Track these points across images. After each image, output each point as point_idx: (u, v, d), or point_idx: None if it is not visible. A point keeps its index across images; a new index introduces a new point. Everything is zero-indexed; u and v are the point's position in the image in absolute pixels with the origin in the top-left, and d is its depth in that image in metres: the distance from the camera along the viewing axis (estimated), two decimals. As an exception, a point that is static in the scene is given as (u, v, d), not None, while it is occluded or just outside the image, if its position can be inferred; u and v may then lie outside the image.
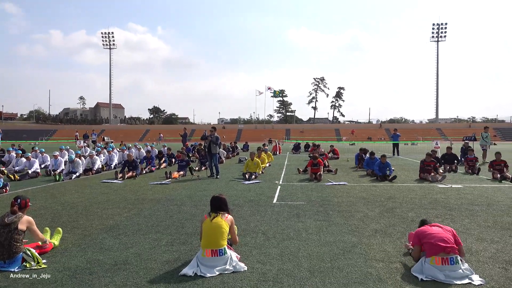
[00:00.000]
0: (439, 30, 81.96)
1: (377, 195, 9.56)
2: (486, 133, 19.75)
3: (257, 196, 9.58)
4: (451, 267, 4.22)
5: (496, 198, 9.07)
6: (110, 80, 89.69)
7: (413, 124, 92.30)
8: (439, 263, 4.25)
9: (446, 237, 4.43)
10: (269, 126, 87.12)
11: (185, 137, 26.96)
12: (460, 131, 61.01)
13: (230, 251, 4.67)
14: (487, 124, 48.96)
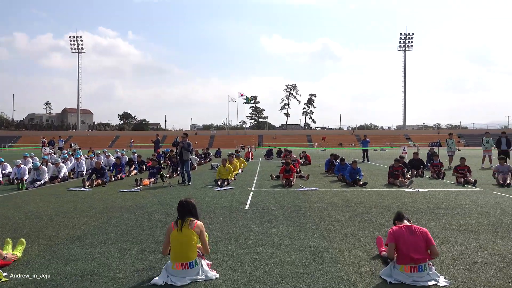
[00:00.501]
0: (406, 39, 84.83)
1: (348, 200, 9.73)
2: (450, 139, 20.53)
3: (229, 202, 9.54)
4: (419, 274, 4.30)
5: (460, 201, 9.42)
6: (79, 85, 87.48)
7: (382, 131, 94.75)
8: (408, 271, 4.32)
9: (419, 246, 4.38)
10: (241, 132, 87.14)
11: (158, 143, 26.57)
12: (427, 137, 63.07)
13: (201, 260, 4.59)
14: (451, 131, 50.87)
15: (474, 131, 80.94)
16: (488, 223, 7.07)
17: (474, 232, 6.48)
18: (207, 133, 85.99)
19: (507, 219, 7.43)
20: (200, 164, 22.59)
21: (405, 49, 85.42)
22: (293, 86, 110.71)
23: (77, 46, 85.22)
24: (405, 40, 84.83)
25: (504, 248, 5.54)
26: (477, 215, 7.82)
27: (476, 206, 8.80)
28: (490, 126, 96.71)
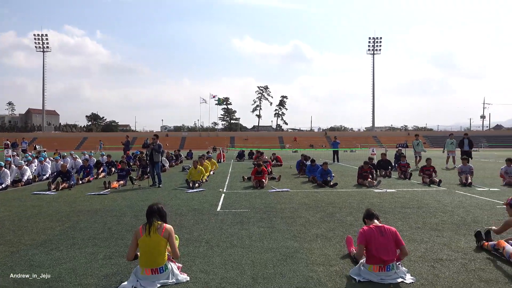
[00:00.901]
0: (374, 43, 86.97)
1: (318, 201, 9.86)
2: (417, 140, 21.19)
3: (201, 204, 9.47)
4: (387, 273, 4.41)
5: (426, 201, 9.74)
6: (44, 85, 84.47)
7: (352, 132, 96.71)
8: (377, 271, 4.42)
9: (389, 247, 4.46)
10: (213, 133, 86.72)
11: (127, 145, 26.01)
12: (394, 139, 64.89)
13: (170, 264, 4.52)
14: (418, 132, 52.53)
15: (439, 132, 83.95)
16: (452, 222, 7.35)
17: (438, 230, 6.71)
18: (178, 134, 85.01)
19: (469, 217, 7.74)
20: (171, 166, 22.29)
21: (373, 52, 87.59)
22: (264, 88, 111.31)
23: (42, 44, 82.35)
24: (374, 44, 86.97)
25: (466, 245, 5.77)
26: (442, 213, 8.10)
27: (440, 205, 9.12)
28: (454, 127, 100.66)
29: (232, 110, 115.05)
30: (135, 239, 4.50)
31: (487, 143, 67.29)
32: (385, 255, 4.41)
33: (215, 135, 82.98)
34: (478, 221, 7.38)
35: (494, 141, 68.81)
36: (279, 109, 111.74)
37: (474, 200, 9.76)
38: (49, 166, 16.50)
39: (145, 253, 4.40)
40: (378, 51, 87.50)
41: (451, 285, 4.27)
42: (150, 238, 4.40)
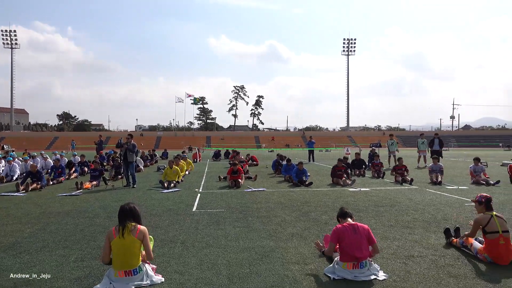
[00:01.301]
0: (349, 45, 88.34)
1: (294, 200, 9.93)
2: (391, 140, 21.64)
3: (176, 204, 9.37)
4: (360, 270, 4.50)
5: (398, 199, 9.98)
6: (12, 83, 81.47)
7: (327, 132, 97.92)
8: (350, 268, 4.50)
9: (362, 244, 4.55)
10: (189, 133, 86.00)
11: (101, 144, 25.44)
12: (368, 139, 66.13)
13: (145, 266, 4.45)
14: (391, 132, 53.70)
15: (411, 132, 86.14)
16: (423, 219, 7.55)
17: (410, 227, 6.88)
18: (154, 134, 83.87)
19: (440, 215, 7.98)
20: (146, 166, 21.97)
21: (348, 53, 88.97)
22: (241, 88, 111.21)
23: (10, 41, 79.45)
24: (348, 45, 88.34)
25: (436, 242, 5.94)
26: (413, 211, 8.32)
27: (412, 203, 9.36)
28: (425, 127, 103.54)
29: (208, 110, 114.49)
30: (108, 241, 4.39)
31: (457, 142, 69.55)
32: (358, 252, 4.50)
33: (191, 135, 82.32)
34: (447, 218, 7.62)
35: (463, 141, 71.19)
36: (255, 109, 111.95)
37: (444, 198, 10.06)
38: (17, 166, 15.94)
39: (118, 255, 4.31)
40: (352, 52, 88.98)
41: (422, 281, 4.39)
42: (124, 240, 4.30)
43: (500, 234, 4.93)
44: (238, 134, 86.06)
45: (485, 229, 5.04)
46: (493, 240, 4.93)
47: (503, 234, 4.94)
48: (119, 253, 4.30)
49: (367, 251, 4.59)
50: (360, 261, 4.50)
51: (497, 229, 4.96)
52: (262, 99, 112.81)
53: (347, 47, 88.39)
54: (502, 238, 4.92)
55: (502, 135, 76.13)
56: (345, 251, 4.57)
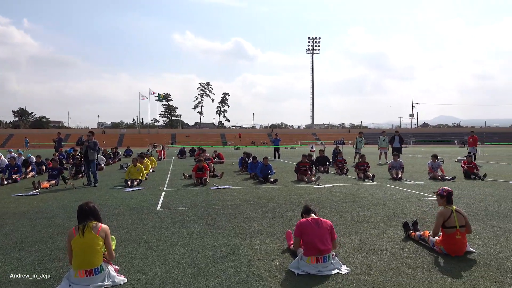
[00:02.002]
0: (314, 43, 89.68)
1: (260, 197, 9.98)
2: (360, 138, 22.16)
3: (140, 203, 9.18)
4: (324, 264, 4.60)
5: (360, 195, 10.26)
6: (-38, 77, 76.71)
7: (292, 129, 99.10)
8: (314, 262, 4.59)
9: (324, 237, 4.67)
10: (153, 130, 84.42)
11: (60, 142, 24.46)
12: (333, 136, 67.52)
13: (107, 266, 4.33)
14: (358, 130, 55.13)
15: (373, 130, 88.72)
16: (383, 214, 7.81)
17: (371, 222, 7.10)
18: (116, 131, 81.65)
19: (399, 209, 8.27)
20: (108, 164, 21.39)
21: (313, 52, 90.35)
22: (206, 85, 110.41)
23: (-40, 31, 74.73)
24: (313, 44, 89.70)
25: (396, 236, 6.16)
26: (374, 206, 8.58)
27: (373, 198, 9.65)
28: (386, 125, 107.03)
29: (173, 107, 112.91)
30: (68, 242, 4.25)
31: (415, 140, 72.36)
32: (321, 245, 4.62)
33: (155, 132, 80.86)
34: (407, 212, 7.91)
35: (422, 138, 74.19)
36: (221, 106, 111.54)
37: (403, 193, 10.44)
38: (-32, 165, 15.04)
39: (79, 253, 4.16)
40: (317, 51, 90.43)
41: (382, 273, 4.54)
42: (84, 238, 4.17)
43: (457, 229, 5.17)
44: (204, 132, 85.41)
45: (445, 223, 5.26)
46: (450, 235, 5.16)
47: (460, 229, 5.18)
48: (80, 251, 4.16)
49: (330, 244, 4.72)
50: (323, 254, 4.61)
51: (455, 225, 5.19)
52: (228, 96, 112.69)
53: (312, 46, 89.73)
54: (459, 233, 5.16)
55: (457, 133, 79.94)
56: (308, 245, 4.67)
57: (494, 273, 4.53)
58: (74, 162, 15.62)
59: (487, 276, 4.43)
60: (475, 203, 8.85)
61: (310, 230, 4.72)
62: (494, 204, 8.73)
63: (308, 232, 4.72)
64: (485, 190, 10.91)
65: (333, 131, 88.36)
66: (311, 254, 4.62)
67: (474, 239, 5.90)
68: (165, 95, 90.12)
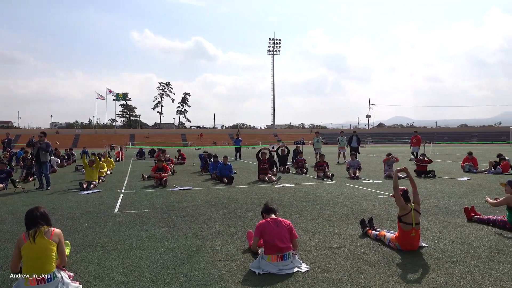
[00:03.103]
0: (274, 44, 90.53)
1: (221, 198, 9.94)
2: (317, 137, 22.61)
3: (96, 206, 8.87)
4: (284, 262, 4.67)
5: (320, 194, 10.47)
6: None
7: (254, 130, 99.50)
8: (275, 260, 4.65)
9: (283, 236, 4.77)
10: (111, 131, 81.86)
11: (9, 143, 23.12)
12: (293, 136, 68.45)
13: (60, 272, 4.13)
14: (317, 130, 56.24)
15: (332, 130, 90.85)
16: (342, 212, 8.01)
17: (330, 220, 7.26)
18: (71, 132, 78.45)
19: (357, 207, 8.52)
20: (62, 166, 20.51)
21: (273, 53, 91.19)
22: (166, 84, 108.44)
23: None
24: (274, 45, 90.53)
25: (353, 233, 6.34)
26: (333, 205, 8.79)
27: (332, 197, 9.88)
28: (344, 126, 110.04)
29: (132, 107, 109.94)
30: (17, 248, 4.01)
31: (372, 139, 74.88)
32: (280, 243, 4.70)
33: (113, 133, 78.46)
34: (364, 210, 8.17)
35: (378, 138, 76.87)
36: (181, 106, 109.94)
37: (360, 192, 10.77)
38: None
39: (30, 260, 3.94)
40: (277, 52, 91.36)
41: (341, 270, 4.66)
42: (35, 244, 3.96)
43: (413, 227, 5.39)
44: (164, 132, 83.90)
45: (402, 218, 5.46)
46: (406, 232, 5.38)
47: (415, 227, 5.41)
48: (31, 257, 3.94)
49: (289, 243, 4.80)
50: (283, 252, 4.68)
51: (411, 222, 5.41)
52: (188, 96, 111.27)
53: (273, 47, 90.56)
54: (414, 230, 5.39)
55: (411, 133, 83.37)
56: (268, 243, 4.74)
57: (444, 265, 4.77)
58: (25, 164, 14.84)
59: (438, 269, 4.65)
60: (427, 200, 9.28)
61: (269, 229, 4.80)
62: (444, 201, 9.21)
63: (268, 232, 4.79)
64: (435, 187, 11.48)
65: (293, 131, 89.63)
66: (271, 253, 4.68)
67: (426, 234, 6.19)
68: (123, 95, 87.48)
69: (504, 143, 53.67)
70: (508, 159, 16.19)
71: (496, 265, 4.77)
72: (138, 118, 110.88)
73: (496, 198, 7.26)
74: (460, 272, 4.55)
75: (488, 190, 10.78)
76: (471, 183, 12.41)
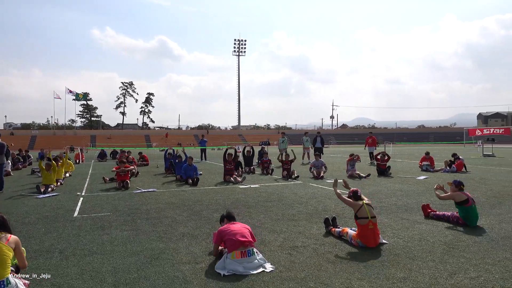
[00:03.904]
0: (240, 45, 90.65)
1: (186, 200, 9.82)
2: (282, 138, 22.80)
3: (54, 210, 8.51)
4: (249, 259, 4.70)
5: (284, 194, 10.57)
6: None
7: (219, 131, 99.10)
8: (239, 257, 4.68)
9: (245, 232, 4.93)
10: (71, 132, 79.00)
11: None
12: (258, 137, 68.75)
13: (14, 280, 3.93)
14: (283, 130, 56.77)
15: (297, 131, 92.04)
16: (306, 212, 8.13)
17: (295, 220, 7.35)
18: (27, 133, 74.94)
19: (320, 206, 8.68)
20: (17, 169, 19.56)
21: (239, 54, 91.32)
22: (129, 84, 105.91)
23: None
24: (239, 46, 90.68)
25: (317, 232, 6.45)
26: (298, 205, 8.90)
27: (297, 197, 10.01)
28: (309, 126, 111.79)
29: (93, 107, 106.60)
30: None
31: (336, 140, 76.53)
32: (242, 237, 4.82)
33: (72, 134, 75.73)
34: (327, 209, 8.33)
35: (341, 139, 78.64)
36: (145, 107, 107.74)
37: (324, 191, 10.97)
38: None
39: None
40: (243, 53, 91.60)
41: (305, 268, 4.72)
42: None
43: (370, 220, 5.57)
44: (127, 133, 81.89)
45: (357, 214, 5.65)
46: (364, 226, 5.55)
47: (372, 220, 5.59)
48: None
49: (250, 238, 4.91)
50: (246, 247, 4.76)
51: (367, 215, 5.59)
52: (152, 96, 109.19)
53: (238, 48, 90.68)
54: (371, 223, 5.57)
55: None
56: (230, 241, 4.81)
57: (403, 261, 4.95)
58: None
59: (397, 265, 4.82)
60: (387, 198, 9.60)
61: (228, 230, 4.93)
62: (403, 199, 9.56)
63: (227, 233, 4.89)
64: (395, 186, 11.90)
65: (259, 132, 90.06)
66: (234, 249, 4.74)
67: (386, 231, 6.40)
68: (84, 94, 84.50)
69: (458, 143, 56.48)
70: (462, 158, 17.06)
71: (451, 259, 5.00)
72: (100, 119, 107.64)
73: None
74: (418, 267, 4.74)
75: (443, 188, 11.29)
76: (428, 182, 12.95)
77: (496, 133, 44.11)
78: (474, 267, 4.70)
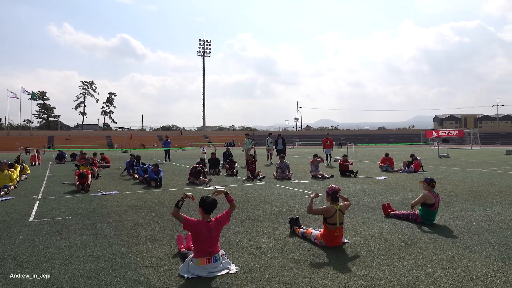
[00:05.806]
0: (204, 46, 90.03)
1: (149, 202, 9.62)
2: (247, 139, 22.85)
3: (8, 215, 8.09)
4: (214, 264, 4.65)
5: (250, 195, 10.59)
6: None
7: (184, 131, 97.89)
8: (204, 263, 4.61)
9: (214, 242, 4.77)
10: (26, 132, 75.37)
11: None
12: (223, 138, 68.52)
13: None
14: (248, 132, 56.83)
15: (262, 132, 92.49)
16: (271, 212, 8.19)
17: (260, 221, 7.38)
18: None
19: (285, 207, 8.77)
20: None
21: (204, 54, 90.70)
22: (90, 83, 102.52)
23: None
24: (204, 46, 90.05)
25: (282, 232, 6.51)
26: (263, 205, 8.94)
27: (262, 198, 10.06)
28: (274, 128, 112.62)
29: (50, 106, 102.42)
30: None
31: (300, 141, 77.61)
32: (210, 248, 4.71)
33: (28, 135, 72.31)
34: (291, 210, 8.42)
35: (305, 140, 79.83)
36: (106, 107, 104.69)
37: (289, 192, 11.10)
38: None
39: None
40: (208, 53, 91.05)
41: (269, 269, 4.75)
42: None
43: (337, 227, 5.67)
44: (87, 134, 79.25)
45: (328, 220, 5.71)
46: (331, 231, 5.65)
47: (339, 226, 5.70)
48: None
49: (217, 246, 4.83)
50: (213, 254, 4.68)
51: (336, 222, 5.68)
52: (114, 96, 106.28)
53: (203, 48, 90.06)
54: (338, 230, 5.68)
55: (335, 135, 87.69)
56: (199, 248, 4.70)
57: (364, 259, 5.09)
58: None
59: (358, 263, 4.95)
60: (349, 198, 9.82)
61: (202, 236, 4.71)
62: (364, 198, 9.83)
63: (199, 236, 4.72)
64: (357, 186, 12.22)
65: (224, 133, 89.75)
66: (200, 256, 4.65)
67: (348, 230, 6.55)
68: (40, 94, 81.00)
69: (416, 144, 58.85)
70: (419, 159, 17.78)
71: (409, 256, 5.20)
72: (58, 119, 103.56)
73: None
74: (378, 264, 4.89)
75: (402, 188, 11.73)
76: (388, 182, 13.40)
77: (451, 135, 46.31)
78: (430, 263, 4.91)
